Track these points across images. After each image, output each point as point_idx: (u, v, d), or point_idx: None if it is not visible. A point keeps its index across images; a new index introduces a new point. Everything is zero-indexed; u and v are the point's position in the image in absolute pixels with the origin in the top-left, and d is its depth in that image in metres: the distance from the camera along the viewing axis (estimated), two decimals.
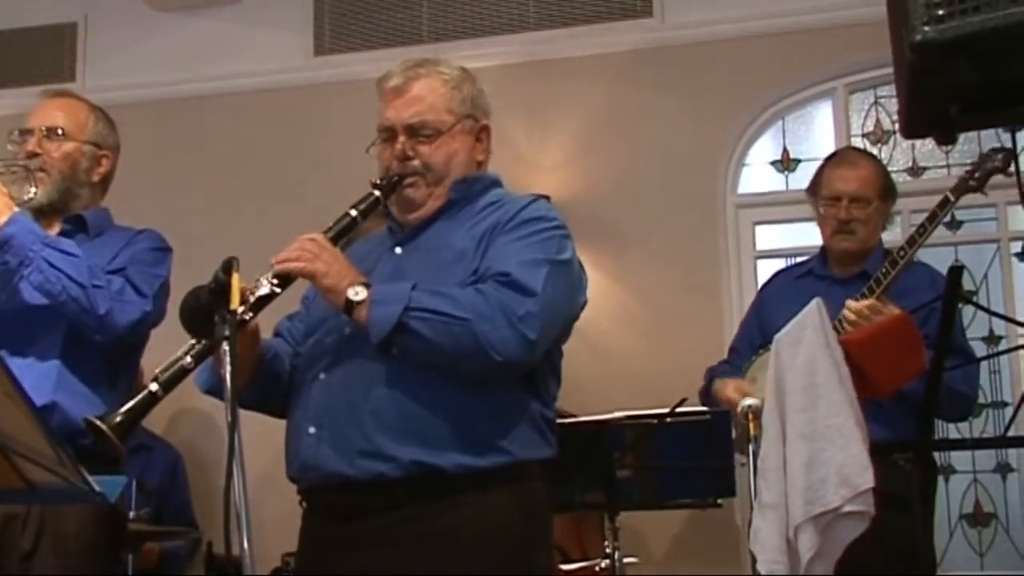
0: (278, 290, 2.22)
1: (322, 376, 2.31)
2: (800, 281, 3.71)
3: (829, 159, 3.79)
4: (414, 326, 2.15)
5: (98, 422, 2.14)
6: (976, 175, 3.43)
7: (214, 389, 2.35)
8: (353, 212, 2.36)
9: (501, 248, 2.28)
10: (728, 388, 3.50)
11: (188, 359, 2.19)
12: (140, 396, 2.19)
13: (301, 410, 2.32)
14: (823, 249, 3.75)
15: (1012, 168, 3.43)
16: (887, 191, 3.65)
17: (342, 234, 2.35)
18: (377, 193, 2.38)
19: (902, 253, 3.38)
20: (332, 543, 2.25)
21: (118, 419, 2.16)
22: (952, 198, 3.40)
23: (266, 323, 2.43)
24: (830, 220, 3.61)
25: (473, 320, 2.14)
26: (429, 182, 2.40)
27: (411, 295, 2.17)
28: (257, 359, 2.36)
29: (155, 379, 2.20)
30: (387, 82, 2.44)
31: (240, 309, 2.14)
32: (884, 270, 3.38)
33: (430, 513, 2.18)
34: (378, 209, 2.45)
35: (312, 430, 2.26)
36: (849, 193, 3.58)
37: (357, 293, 2.19)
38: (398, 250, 2.43)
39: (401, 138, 2.39)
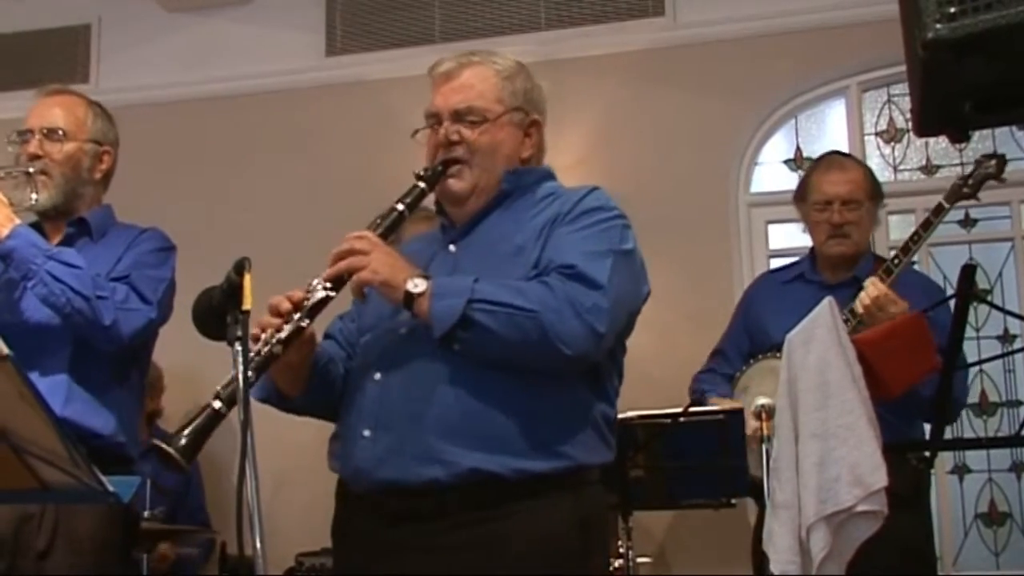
0: (332, 294, 2.15)
1: (377, 376, 2.23)
2: (789, 286, 3.70)
3: (815, 165, 3.78)
4: (479, 319, 2.06)
5: (166, 447, 2.02)
6: (970, 182, 3.43)
7: (270, 399, 2.31)
8: (400, 206, 2.29)
9: (563, 240, 2.21)
10: (725, 407, 3.50)
11: (249, 373, 2.06)
12: (203, 416, 2.05)
13: (356, 412, 2.25)
14: (812, 253, 3.75)
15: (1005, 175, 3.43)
16: (875, 192, 3.65)
17: (391, 230, 2.27)
18: (422, 185, 2.31)
19: (896, 261, 3.36)
20: (378, 545, 2.19)
21: (183, 442, 2.03)
22: (946, 205, 3.40)
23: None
24: (823, 225, 3.60)
25: (541, 312, 2.05)
26: (474, 169, 2.33)
27: (474, 287, 2.08)
28: (312, 366, 2.28)
29: (217, 396, 2.07)
30: (438, 68, 2.40)
31: (296, 316, 2.11)
32: (879, 278, 3.36)
33: (482, 519, 2.11)
34: (432, 210, 2.40)
35: (367, 433, 2.18)
36: (842, 196, 3.57)
37: (416, 285, 2.11)
38: (452, 247, 2.35)
39: (446, 123, 2.33)
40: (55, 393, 2.66)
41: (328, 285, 2.16)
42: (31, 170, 2.86)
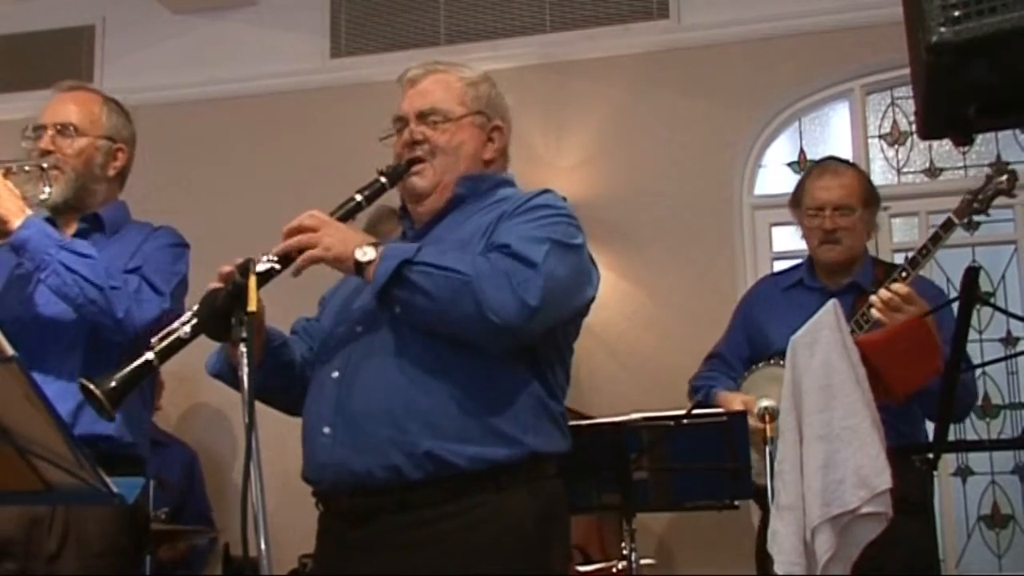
0: (278, 267, 2.21)
1: (335, 375, 2.29)
2: (789, 292, 3.69)
3: (810, 171, 3.78)
4: (414, 278, 2.15)
5: (91, 385, 2.10)
6: (980, 197, 3.42)
7: (222, 374, 2.37)
8: (359, 196, 2.39)
9: (506, 229, 2.28)
10: (735, 402, 3.49)
11: (186, 330, 2.17)
12: (136, 364, 2.15)
13: (315, 409, 2.31)
14: (809, 259, 3.74)
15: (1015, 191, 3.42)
16: (870, 198, 3.63)
17: (346, 217, 2.36)
18: (383, 180, 2.41)
19: (905, 274, 3.35)
20: (348, 546, 2.25)
21: (112, 384, 2.11)
22: (956, 220, 3.39)
23: (284, 323, 2.44)
24: (815, 231, 3.60)
25: (473, 278, 2.12)
26: (436, 168, 2.42)
27: (417, 251, 2.18)
28: (262, 343, 2.33)
29: (151, 348, 2.17)
30: (405, 76, 2.52)
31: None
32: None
33: (445, 515, 2.17)
34: (393, 210, 2.44)
35: (327, 430, 2.25)
36: (833, 202, 3.57)
37: (365, 254, 2.20)
38: None
39: (411, 124, 2.44)
40: (67, 395, 2.58)
41: (274, 258, 2.22)
42: (44, 164, 2.85)
